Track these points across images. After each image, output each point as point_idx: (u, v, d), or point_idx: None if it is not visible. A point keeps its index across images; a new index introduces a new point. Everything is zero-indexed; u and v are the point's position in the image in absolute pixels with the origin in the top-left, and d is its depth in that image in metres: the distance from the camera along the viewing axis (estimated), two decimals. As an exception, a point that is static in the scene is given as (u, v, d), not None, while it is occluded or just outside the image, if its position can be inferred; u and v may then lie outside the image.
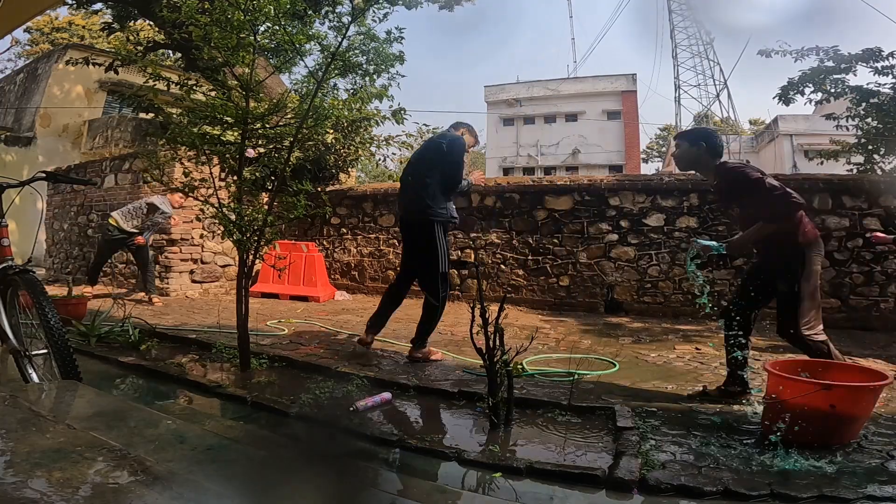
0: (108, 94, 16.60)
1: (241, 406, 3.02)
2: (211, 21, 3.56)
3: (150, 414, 1.85)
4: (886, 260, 5.78)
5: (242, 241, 3.67)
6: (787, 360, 3.00)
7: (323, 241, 8.71)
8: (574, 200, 6.98)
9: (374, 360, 4.00)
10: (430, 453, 2.36)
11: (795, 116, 21.03)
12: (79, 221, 9.04)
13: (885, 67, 7.89)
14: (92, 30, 22.21)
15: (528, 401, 3.02)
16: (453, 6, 12.34)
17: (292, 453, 1.98)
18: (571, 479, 2.12)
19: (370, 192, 8.46)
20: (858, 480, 2.08)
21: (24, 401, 1.71)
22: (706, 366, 4.00)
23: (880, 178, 7.08)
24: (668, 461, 2.26)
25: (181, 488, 1.15)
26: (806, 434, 2.39)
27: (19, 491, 1.08)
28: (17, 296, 2.71)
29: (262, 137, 4.04)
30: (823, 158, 9.92)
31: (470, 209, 7.58)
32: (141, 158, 7.46)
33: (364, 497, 1.69)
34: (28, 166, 14.15)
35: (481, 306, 2.75)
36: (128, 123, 14.96)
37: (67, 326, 3.24)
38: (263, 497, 1.28)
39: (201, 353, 4.22)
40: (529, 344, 3.53)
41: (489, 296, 6.59)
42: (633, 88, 27.60)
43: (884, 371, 2.66)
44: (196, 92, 4.18)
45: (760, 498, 1.95)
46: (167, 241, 7.44)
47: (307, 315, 6.15)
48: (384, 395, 3.10)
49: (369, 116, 8.44)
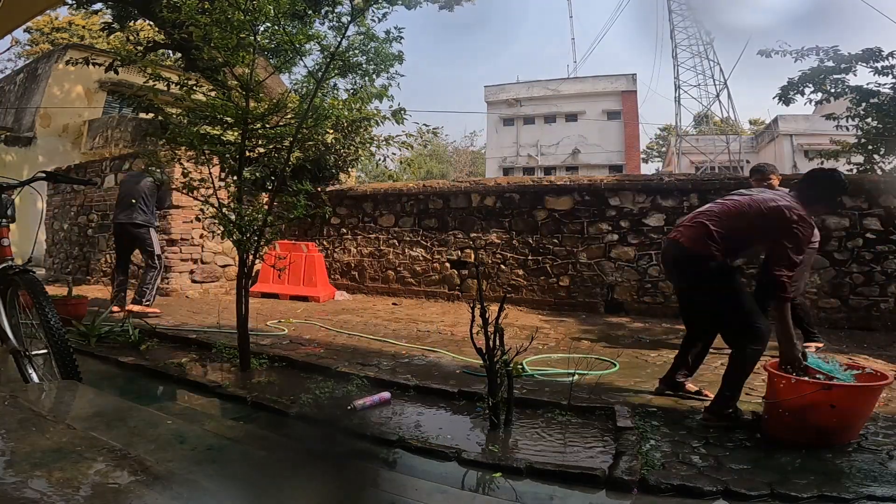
0: (108, 94, 16.60)
1: (241, 406, 3.02)
2: (211, 21, 3.56)
3: (150, 414, 1.85)
4: (886, 260, 5.78)
5: (242, 241, 3.67)
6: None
7: (323, 241, 8.71)
8: (574, 200, 6.98)
9: (374, 360, 4.00)
10: (430, 453, 2.36)
11: (795, 116, 21.06)
12: (79, 221, 9.04)
13: (885, 67, 7.89)
14: (92, 30, 22.20)
15: (528, 401, 3.02)
16: (453, 6, 12.33)
17: (292, 453, 1.98)
18: (571, 479, 2.12)
19: (370, 192, 8.46)
20: (858, 480, 2.08)
21: (24, 401, 1.71)
22: (706, 366, 3.99)
23: (880, 178, 7.08)
24: (668, 461, 2.26)
25: (181, 488, 1.15)
26: (806, 434, 2.39)
27: (19, 491, 1.08)
28: (17, 296, 2.70)
29: (262, 137, 4.04)
30: (823, 158, 9.92)
31: (470, 209, 7.59)
32: (141, 158, 7.45)
33: (364, 497, 1.69)
34: (28, 166, 14.15)
35: (481, 306, 2.75)
36: (128, 123, 14.96)
37: (67, 326, 3.24)
38: (263, 497, 1.28)
39: (201, 353, 4.22)
40: (529, 344, 3.53)
41: (489, 296, 6.59)
42: (633, 88, 27.60)
43: (884, 371, 2.66)
44: (196, 92, 4.19)
45: (760, 498, 1.95)
46: (167, 241, 7.44)
47: (307, 315, 6.15)
48: (383, 395, 3.10)
49: (369, 116, 8.44)
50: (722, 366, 3.96)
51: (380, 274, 8.20)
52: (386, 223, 8.22)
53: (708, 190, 6.40)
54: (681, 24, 28.42)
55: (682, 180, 6.75)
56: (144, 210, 5.93)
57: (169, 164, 6.12)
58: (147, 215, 5.96)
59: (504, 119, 29.22)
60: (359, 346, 4.55)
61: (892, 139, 8.16)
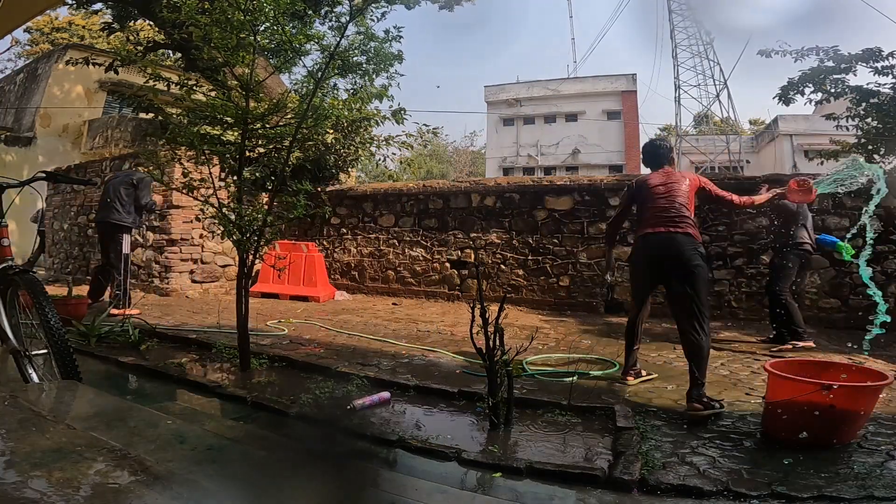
0: (108, 94, 16.58)
1: (241, 406, 3.02)
2: (211, 21, 3.56)
3: (150, 414, 1.85)
4: (886, 260, 5.78)
5: (242, 241, 3.67)
6: (787, 361, 3.01)
7: (323, 241, 8.70)
8: (574, 200, 6.98)
9: (374, 360, 4.00)
10: (430, 453, 2.36)
11: (795, 116, 21.04)
12: (79, 221, 9.04)
13: (885, 67, 7.88)
14: (92, 30, 22.20)
15: (528, 401, 3.02)
16: (453, 6, 12.31)
17: (292, 453, 1.98)
18: (571, 479, 2.12)
19: (370, 192, 8.46)
20: (858, 480, 2.08)
21: (24, 401, 1.71)
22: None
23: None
24: (668, 461, 2.26)
25: (181, 488, 1.15)
26: (806, 434, 2.39)
27: (19, 491, 1.08)
28: (17, 296, 2.70)
29: (262, 137, 4.04)
30: (823, 158, 9.91)
31: (470, 209, 7.59)
32: (141, 158, 7.45)
33: (364, 497, 1.69)
34: (28, 166, 14.14)
35: (481, 306, 2.75)
36: (128, 123, 14.95)
37: (67, 326, 3.24)
38: (263, 497, 1.28)
39: (201, 353, 4.22)
40: (529, 344, 3.53)
41: (489, 296, 6.59)
42: (633, 88, 27.57)
43: (884, 371, 2.66)
44: (196, 92, 4.19)
45: (760, 498, 1.95)
46: (167, 241, 7.44)
47: (307, 315, 6.15)
48: (382, 395, 3.10)
49: (369, 116, 8.44)
50: (722, 366, 3.98)
51: (380, 274, 8.20)
52: (386, 223, 8.22)
53: (708, 190, 6.39)
54: (681, 24, 28.41)
55: (682, 180, 6.73)
56: (119, 209, 5.89)
57: (169, 164, 6.11)
58: (122, 214, 5.91)
59: (504, 119, 29.20)
60: (359, 346, 4.55)
61: (892, 139, 8.15)
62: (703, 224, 6.39)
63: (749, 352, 4.54)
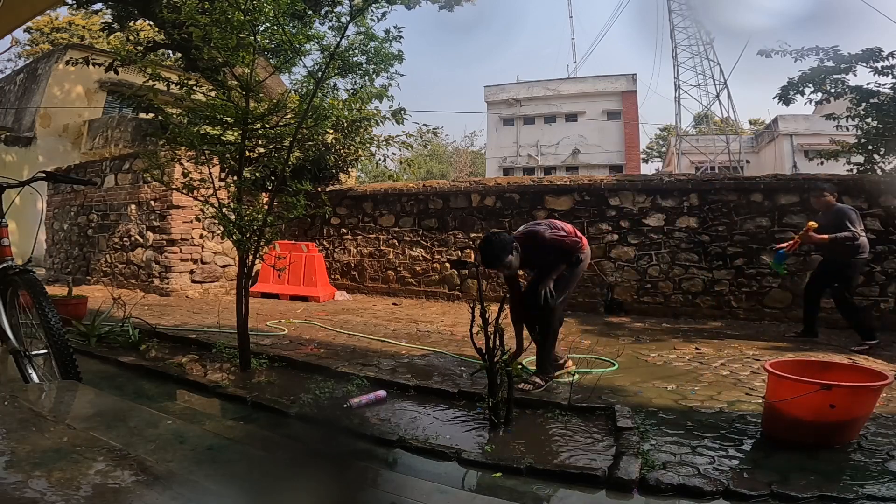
0: (108, 94, 16.58)
1: (241, 406, 3.03)
2: (211, 21, 3.56)
3: (150, 414, 1.85)
4: (886, 260, 5.78)
5: (242, 241, 3.67)
6: (787, 361, 3.01)
7: (323, 241, 8.70)
8: (574, 200, 6.98)
9: (374, 360, 4.00)
10: (430, 453, 2.36)
11: (795, 116, 21.01)
12: (79, 221, 9.04)
13: (885, 67, 7.88)
14: (92, 30, 22.19)
15: (528, 401, 3.02)
16: (453, 6, 12.31)
17: (292, 453, 1.98)
18: (571, 479, 2.12)
19: (370, 192, 8.46)
20: (858, 480, 2.08)
21: (24, 401, 1.71)
22: (706, 366, 4.00)
23: (880, 178, 7.07)
24: (669, 461, 2.26)
25: (181, 488, 1.15)
26: (806, 434, 2.39)
27: (19, 491, 1.08)
28: (17, 296, 2.70)
29: (262, 137, 4.04)
30: (823, 158, 9.91)
31: (470, 209, 7.59)
32: (141, 158, 7.45)
33: (364, 497, 1.69)
34: (28, 166, 14.13)
35: (481, 306, 2.75)
36: (128, 123, 14.94)
37: (67, 326, 3.24)
38: (263, 497, 1.28)
39: (201, 353, 4.22)
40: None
41: (489, 296, 6.59)
42: (633, 88, 27.55)
43: (884, 371, 2.66)
44: (196, 92, 4.19)
45: (760, 498, 1.95)
46: (167, 241, 7.45)
47: (307, 315, 6.15)
48: (378, 393, 3.11)
49: (369, 116, 8.44)
50: (722, 366, 3.98)
51: (380, 274, 8.20)
52: (386, 223, 8.22)
53: (708, 190, 6.40)
54: (681, 24, 28.37)
55: (682, 180, 6.74)
56: None
57: (169, 164, 6.11)
58: None
59: (504, 119, 29.18)
60: (359, 346, 4.55)
61: (892, 139, 8.15)
62: (703, 224, 6.39)
63: (749, 352, 4.54)
